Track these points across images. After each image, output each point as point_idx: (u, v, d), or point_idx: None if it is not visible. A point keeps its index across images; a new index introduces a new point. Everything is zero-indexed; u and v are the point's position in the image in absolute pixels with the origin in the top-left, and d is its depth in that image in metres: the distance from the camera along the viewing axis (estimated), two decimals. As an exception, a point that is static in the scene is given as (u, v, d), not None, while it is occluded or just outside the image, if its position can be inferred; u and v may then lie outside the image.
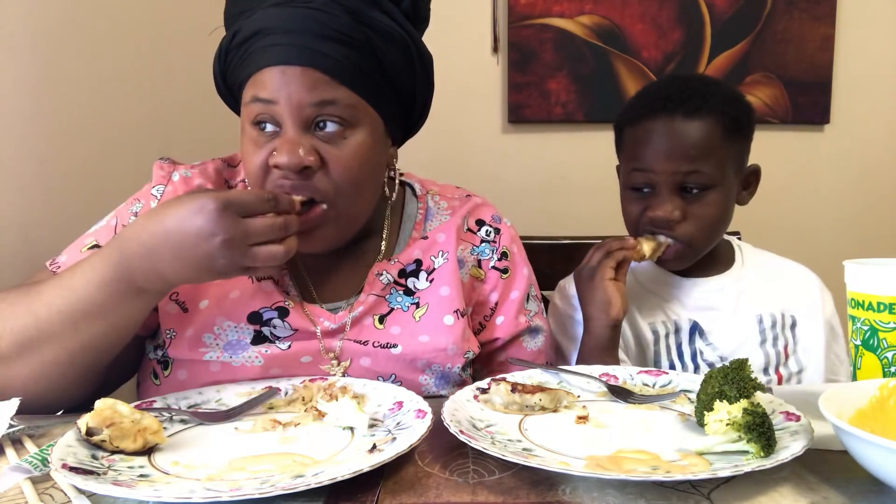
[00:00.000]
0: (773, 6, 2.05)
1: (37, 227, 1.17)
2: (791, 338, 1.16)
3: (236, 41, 0.89)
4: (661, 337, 1.16)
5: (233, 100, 0.97)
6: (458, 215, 1.05)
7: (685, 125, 1.06)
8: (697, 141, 1.06)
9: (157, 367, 0.93)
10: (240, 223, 0.74)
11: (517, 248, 1.08)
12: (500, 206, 1.16)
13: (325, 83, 0.85)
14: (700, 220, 1.08)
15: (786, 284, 1.19)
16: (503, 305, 1.04)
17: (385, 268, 0.97)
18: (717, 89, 1.11)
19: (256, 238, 0.76)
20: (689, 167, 1.06)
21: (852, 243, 2.12)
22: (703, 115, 1.06)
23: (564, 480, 0.60)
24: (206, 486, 0.58)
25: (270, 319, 0.91)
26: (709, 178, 1.06)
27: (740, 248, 1.23)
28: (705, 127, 1.06)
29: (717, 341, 1.14)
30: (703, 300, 1.16)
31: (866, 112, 2.12)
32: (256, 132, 0.88)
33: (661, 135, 1.07)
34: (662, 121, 1.08)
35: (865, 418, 0.62)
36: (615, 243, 1.07)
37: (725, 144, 1.08)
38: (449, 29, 2.00)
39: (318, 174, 0.86)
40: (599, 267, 1.06)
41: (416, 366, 0.93)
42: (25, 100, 1.17)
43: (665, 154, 1.07)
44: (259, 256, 0.76)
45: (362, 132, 0.88)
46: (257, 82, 0.87)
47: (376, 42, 0.87)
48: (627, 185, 1.13)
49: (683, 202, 1.08)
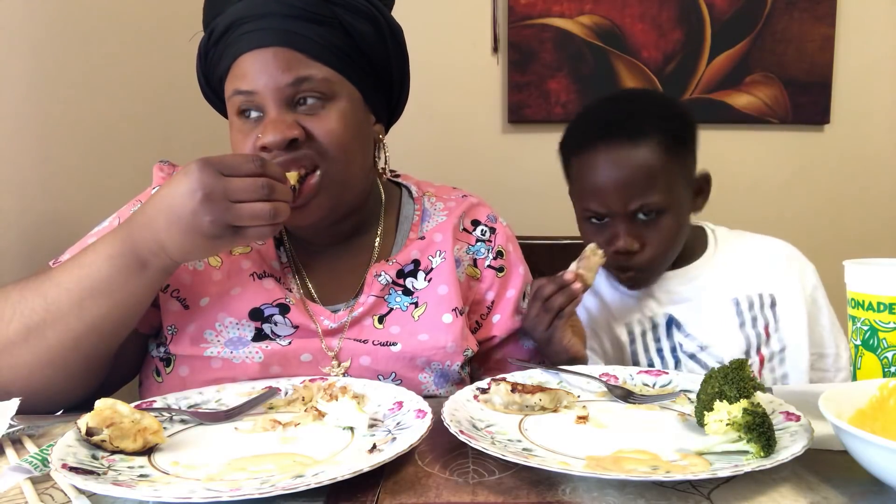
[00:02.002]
0: (773, 6, 2.05)
1: (37, 227, 1.17)
2: (772, 317, 1.15)
3: (213, 39, 0.93)
4: (638, 336, 1.16)
5: (218, 101, 1.00)
6: (454, 215, 1.05)
7: (627, 154, 1.05)
8: (642, 170, 1.05)
9: (159, 365, 0.94)
10: (221, 179, 0.75)
11: (513, 247, 1.09)
12: (500, 206, 1.16)
13: (298, 61, 0.89)
14: (657, 245, 1.09)
15: (762, 263, 1.18)
16: (499, 304, 1.05)
17: (383, 268, 0.98)
18: (653, 108, 1.10)
19: (238, 194, 0.75)
20: (641, 200, 1.05)
21: (852, 243, 2.12)
22: (645, 138, 1.05)
23: (564, 480, 0.60)
24: (206, 486, 0.57)
25: (272, 316, 0.92)
26: (661, 203, 1.06)
27: (714, 232, 1.22)
28: (647, 153, 1.05)
29: (695, 331, 1.14)
30: (677, 293, 1.17)
31: (866, 112, 2.12)
32: (242, 122, 0.91)
33: (606, 166, 1.07)
34: (604, 150, 1.07)
35: (865, 418, 0.62)
36: (557, 297, 0.98)
37: (671, 165, 1.07)
38: (449, 29, 2.01)
39: (305, 146, 0.89)
40: (555, 329, 0.98)
41: (415, 364, 0.93)
42: (25, 100, 1.17)
43: (614, 187, 1.06)
44: (244, 213, 0.75)
45: (342, 103, 0.92)
46: (235, 74, 0.91)
47: (344, 17, 0.91)
48: (582, 217, 1.13)
49: (639, 230, 1.08)
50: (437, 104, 1.97)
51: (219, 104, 1.00)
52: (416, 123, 1.19)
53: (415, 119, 1.14)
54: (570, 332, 0.99)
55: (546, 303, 0.98)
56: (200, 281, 0.94)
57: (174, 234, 0.76)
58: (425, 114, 1.95)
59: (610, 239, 1.09)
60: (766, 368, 1.15)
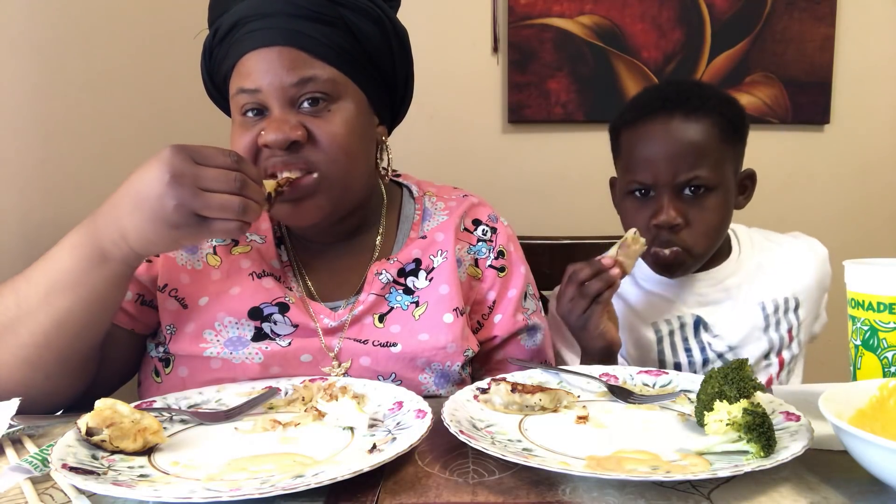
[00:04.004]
0: (773, 6, 2.05)
1: (37, 227, 1.17)
2: (795, 320, 1.16)
3: (217, 37, 0.93)
4: (665, 335, 1.15)
5: (222, 100, 1.00)
6: (455, 215, 1.05)
7: (684, 126, 1.06)
8: (697, 143, 1.05)
9: (158, 365, 0.93)
10: (191, 164, 0.73)
11: (514, 247, 1.09)
12: (500, 206, 1.16)
13: (303, 61, 0.89)
14: (701, 225, 1.07)
15: (788, 266, 1.18)
16: (501, 304, 1.05)
17: (384, 267, 0.98)
18: (712, 92, 1.11)
19: (209, 183, 0.73)
20: (689, 171, 1.05)
21: (852, 243, 2.11)
22: (701, 116, 1.06)
23: (564, 480, 0.60)
24: (206, 486, 0.57)
25: (271, 315, 0.92)
26: (709, 180, 1.06)
27: (736, 234, 1.22)
28: (704, 128, 1.06)
29: (724, 332, 1.14)
30: (704, 295, 1.16)
31: (866, 112, 2.11)
32: (244, 119, 0.91)
33: (660, 136, 1.07)
34: (661, 122, 1.07)
35: (865, 418, 0.62)
36: (594, 283, 0.96)
37: (723, 146, 1.08)
38: (449, 29, 2.00)
39: (306, 148, 0.88)
40: (591, 315, 0.97)
41: (415, 364, 0.93)
42: (25, 100, 1.17)
43: (665, 157, 1.06)
44: (212, 203, 0.73)
45: (346, 104, 0.91)
46: (240, 72, 0.91)
47: (350, 18, 0.91)
48: (627, 191, 1.12)
49: (685, 206, 1.07)
50: (437, 104, 1.97)
51: (222, 103, 1.00)
52: (415, 123, 1.19)
53: (415, 119, 1.14)
54: (606, 318, 0.99)
55: (582, 287, 0.97)
56: (199, 280, 0.94)
57: (137, 219, 0.73)
58: (425, 113, 1.95)
59: (654, 213, 1.07)
60: (785, 371, 1.15)
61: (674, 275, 1.14)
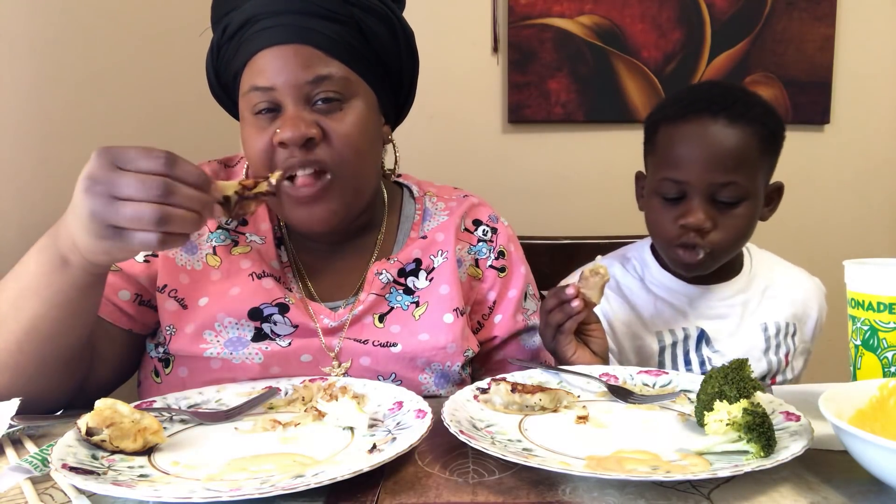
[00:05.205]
0: (773, 6, 2.05)
1: (37, 227, 1.16)
2: (792, 345, 1.17)
3: (227, 34, 0.92)
4: (668, 346, 1.15)
5: (227, 99, 0.99)
6: (455, 215, 1.05)
7: (727, 132, 1.03)
8: (738, 149, 1.03)
9: (158, 366, 0.93)
10: (108, 170, 0.66)
11: (514, 248, 1.09)
12: (500, 206, 1.16)
13: (318, 59, 0.88)
14: (729, 231, 1.06)
15: (789, 292, 1.19)
16: (501, 304, 1.05)
17: (385, 267, 0.98)
18: (758, 100, 1.09)
19: (123, 190, 0.65)
20: (726, 177, 1.03)
21: (852, 243, 2.11)
22: (745, 123, 1.04)
23: (564, 480, 0.60)
24: (206, 486, 0.57)
25: (271, 315, 0.91)
26: (744, 189, 1.04)
27: (749, 252, 1.22)
28: (745, 137, 1.04)
29: (724, 349, 1.14)
30: (712, 308, 1.16)
31: (866, 112, 2.11)
32: (257, 118, 0.90)
33: (701, 138, 1.04)
34: (704, 123, 1.04)
35: (865, 418, 0.62)
36: (555, 314, 0.95)
37: (761, 157, 1.06)
38: (449, 29, 2.00)
39: (321, 146, 0.88)
40: (557, 344, 0.96)
41: (415, 364, 0.93)
42: (25, 100, 1.17)
43: (705, 158, 1.03)
44: (123, 213, 0.65)
45: (358, 103, 0.91)
46: (253, 69, 0.90)
47: (361, 17, 0.91)
48: (657, 192, 1.09)
49: (715, 211, 1.05)
50: (437, 104, 1.97)
51: (227, 102, 1.00)
52: (415, 123, 1.19)
53: (415, 119, 1.14)
54: (575, 346, 0.96)
55: (547, 316, 0.96)
56: (198, 281, 0.93)
57: (75, 224, 0.69)
58: (425, 114, 1.95)
59: (682, 213, 1.05)
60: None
61: (693, 273, 1.12)
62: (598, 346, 0.98)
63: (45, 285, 0.75)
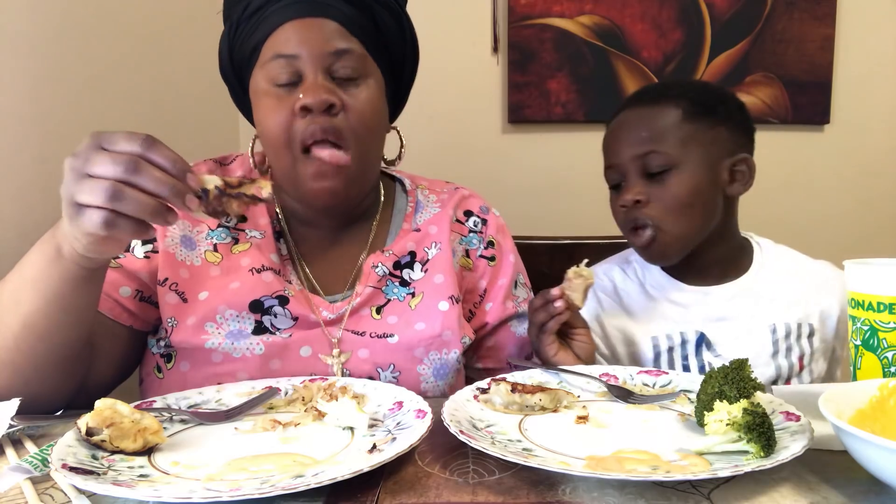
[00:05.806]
0: (773, 6, 2.05)
1: (36, 228, 1.16)
2: (808, 347, 1.09)
3: (248, 11, 0.95)
4: (664, 352, 1.10)
5: (237, 82, 1.01)
6: (448, 207, 1.08)
7: (643, 110, 1.08)
8: (654, 122, 1.07)
9: (160, 361, 0.94)
10: (90, 150, 0.66)
11: (503, 237, 1.11)
12: (500, 205, 1.16)
13: (339, 34, 0.92)
14: (665, 202, 1.04)
15: (806, 293, 1.12)
16: (491, 292, 1.07)
17: (380, 260, 0.99)
18: (682, 82, 1.13)
19: (93, 168, 0.65)
20: (643, 147, 1.05)
21: (852, 243, 2.12)
22: (662, 101, 1.08)
23: (564, 480, 0.60)
24: (206, 486, 0.57)
25: (271, 307, 0.92)
26: (667, 157, 1.04)
27: (760, 247, 1.16)
28: (662, 109, 1.07)
29: (727, 353, 1.08)
30: (714, 310, 1.10)
31: (866, 112, 2.11)
32: (277, 89, 0.92)
33: (621, 122, 1.10)
34: (625, 114, 1.10)
35: (865, 418, 0.62)
36: (539, 313, 0.97)
37: (686, 125, 1.05)
38: (449, 29, 2.00)
39: (340, 115, 0.91)
40: (540, 344, 0.97)
41: (413, 355, 0.94)
42: (25, 100, 1.17)
43: (624, 138, 1.08)
44: (83, 187, 0.65)
45: (372, 82, 0.95)
46: (277, 39, 0.93)
47: (374, 7, 0.96)
48: (609, 186, 1.13)
49: (648, 186, 1.06)
50: (436, 104, 1.97)
51: (235, 82, 1.02)
52: (415, 123, 1.19)
53: (414, 119, 1.14)
54: (557, 347, 0.97)
55: (531, 315, 0.98)
56: (198, 276, 0.94)
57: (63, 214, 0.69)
58: (425, 113, 1.95)
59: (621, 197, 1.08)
60: None
61: (661, 260, 1.11)
62: (582, 350, 0.99)
63: (43, 278, 0.75)
